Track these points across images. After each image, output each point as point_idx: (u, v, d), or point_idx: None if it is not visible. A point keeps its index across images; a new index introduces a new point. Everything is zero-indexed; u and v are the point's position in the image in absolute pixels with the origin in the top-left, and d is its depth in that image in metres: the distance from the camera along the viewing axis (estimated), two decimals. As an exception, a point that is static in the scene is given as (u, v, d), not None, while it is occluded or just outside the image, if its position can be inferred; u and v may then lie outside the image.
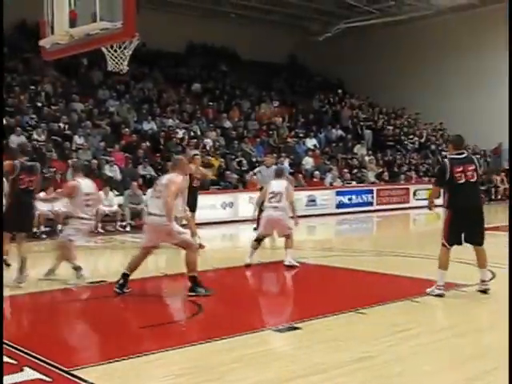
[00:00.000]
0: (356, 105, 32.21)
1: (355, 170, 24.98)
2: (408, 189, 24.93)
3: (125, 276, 8.61)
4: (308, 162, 24.13)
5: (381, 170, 25.73)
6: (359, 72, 34.78)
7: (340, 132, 28.35)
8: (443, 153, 29.03)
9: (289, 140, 25.66)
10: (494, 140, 31.16)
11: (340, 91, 33.13)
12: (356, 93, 33.87)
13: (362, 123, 29.96)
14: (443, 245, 8.37)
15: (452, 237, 8.29)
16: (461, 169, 8.22)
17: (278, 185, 11.21)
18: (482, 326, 7.18)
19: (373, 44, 34.82)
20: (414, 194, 24.91)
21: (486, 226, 8.61)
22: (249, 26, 31.42)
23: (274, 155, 21.43)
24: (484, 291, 8.37)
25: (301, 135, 26.65)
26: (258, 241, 11.19)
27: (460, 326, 7.13)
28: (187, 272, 8.57)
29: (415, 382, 5.25)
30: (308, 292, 9.18)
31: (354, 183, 23.98)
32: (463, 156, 8.42)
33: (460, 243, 8.37)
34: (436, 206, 8.77)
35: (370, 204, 23.61)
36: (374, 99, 33.31)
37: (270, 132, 25.76)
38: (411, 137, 30.26)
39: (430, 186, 25.76)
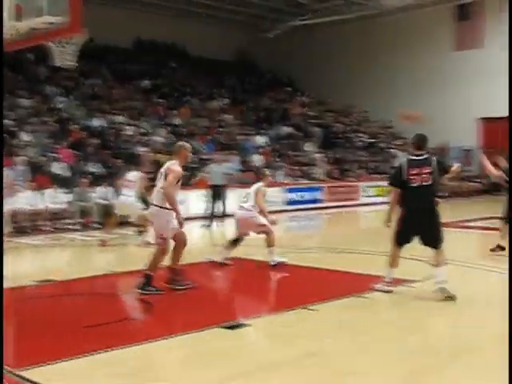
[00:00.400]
0: (306, 102, 32.40)
1: (305, 168, 25.13)
2: (357, 186, 25.19)
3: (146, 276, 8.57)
4: (258, 160, 24.18)
5: (330, 167, 25.95)
6: (309, 70, 35.02)
7: (290, 129, 28.47)
8: (391, 150, 29.46)
9: (239, 137, 25.68)
10: (439, 138, 31.64)
11: (290, 89, 33.28)
12: (306, 90, 34.09)
13: (311, 121, 30.15)
14: (393, 243, 8.39)
15: (401, 236, 8.28)
16: (416, 171, 8.09)
17: (253, 186, 11.14)
18: (429, 321, 7.29)
19: (323, 42, 35.09)
20: (363, 191, 25.19)
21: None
22: (199, 22, 31.31)
23: (224, 152, 21.42)
24: (443, 292, 7.96)
25: (250, 132, 26.68)
26: (234, 241, 10.99)
27: (407, 321, 7.23)
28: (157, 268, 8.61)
29: (362, 376, 5.30)
30: (257, 289, 9.20)
31: (303, 180, 24.12)
32: (422, 158, 8.24)
33: (408, 242, 8.34)
34: (383, 203, 8.87)
35: (320, 201, 23.78)
36: (323, 97, 33.56)
37: (220, 129, 25.73)
38: (360, 134, 30.57)
39: (379, 183, 26.34)
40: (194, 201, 18.96)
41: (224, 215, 17.47)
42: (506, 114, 30.28)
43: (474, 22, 31.69)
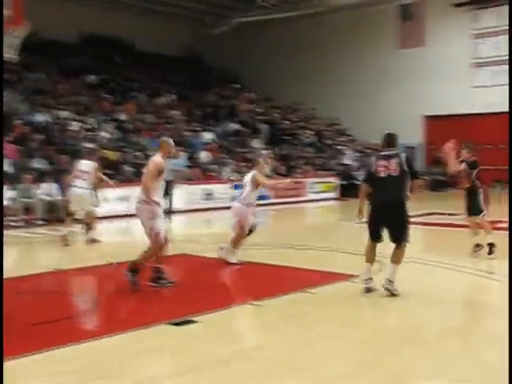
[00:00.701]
0: (253, 99, 32.46)
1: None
2: (304, 182, 25.36)
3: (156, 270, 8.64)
4: (205, 156, 24.14)
5: (277, 163, 26.05)
6: (256, 66, 35.12)
7: (237, 126, 28.50)
8: (338, 147, 29.77)
9: (186, 133, 25.58)
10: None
11: (237, 85, 33.30)
12: (253, 87, 34.15)
13: (258, 117, 30.23)
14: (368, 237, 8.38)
15: (369, 230, 8.30)
16: (384, 163, 8.13)
17: (247, 175, 11.26)
18: (372, 316, 7.40)
19: (270, 39, 35.23)
20: (310, 187, 25.37)
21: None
22: (146, 17, 31.08)
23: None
24: (389, 290, 8.03)
25: (198, 129, 26.61)
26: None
27: (352, 316, 7.34)
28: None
29: (307, 370, 5.36)
30: (205, 285, 9.19)
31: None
32: (390, 153, 8.27)
33: (379, 238, 8.30)
34: (329, 199, 8.93)
35: (267, 197, 23.84)
36: (270, 94, 33.68)
37: (167, 125, 25.58)
38: (307, 131, 30.78)
39: (326, 180, 26.59)
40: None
41: (171, 211, 17.38)
42: (447, 111, 31.06)
43: (417, 21, 32.29)
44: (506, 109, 28.94)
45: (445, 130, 31.28)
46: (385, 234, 8.19)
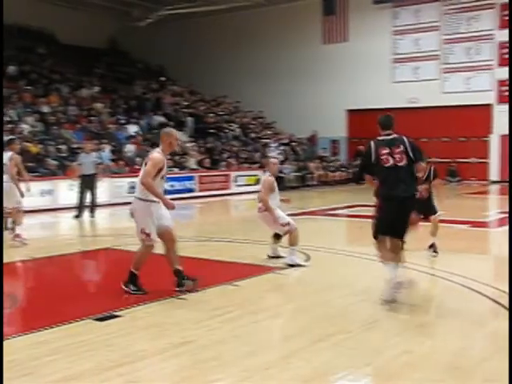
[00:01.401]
0: (178, 92, 32.31)
1: (177, 157, 25.08)
2: (229, 175, 25.45)
3: (176, 273, 7.92)
4: (130, 149, 23.91)
5: (202, 156, 26.07)
6: (181, 59, 34.97)
7: (162, 119, 28.31)
8: (262, 140, 29.97)
9: (110, 126, 25.27)
10: (309, 129, 32.58)
11: (162, 78, 33.08)
12: (178, 80, 33.99)
13: (183, 110, 30.12)
14: (374, 237, 7.58)
15: (382, 226, 7.44)
16: (386, 150, 7.32)
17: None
18: (298, 307, 7.51)
19: (195, 32, 35.12)
20: (235, 180, 25.48)
21: (306, 210, 8.91)
22: (70, 8, 30.48)
23: (95, 142, 21.02)
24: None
25: (122, 121, 26.32)
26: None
27: (277, 308, 7.44)
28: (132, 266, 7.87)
29: (233, 363, 5.41)
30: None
31: (175, 170, 24.06)
32: (390, 137, 7.51)
33: (392, 233, 7.47)
34: (254, 192, 8.94)
35: (192, 190, 23.84)
36: (195, 86, 33.59)
37: (91, 118, 25.21)
38: (232, 124, 30.86)
39: (251, 172, 26.73)
40: (65, 191, 18.60)
41: (94, 205, 17.16)
42: (370, 106, 31.69)
43: (340, 17, 32.80)
44: (427, 104, 29.83)
45: (367, 123, 31.92)
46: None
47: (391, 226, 7.34)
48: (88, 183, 17.01)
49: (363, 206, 19.37)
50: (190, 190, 23.77)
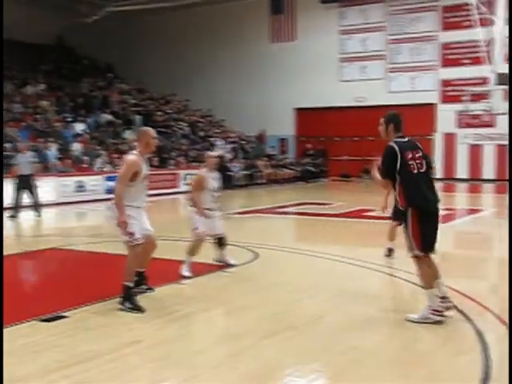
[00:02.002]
0: (125, 89, 32.03)
1: (125, 155, 24.86)
2: (177, 174, 25.34)
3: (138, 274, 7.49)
4: (77, 148, 23.62)
5: (151, 155, 25.88)
6: (129, 57, 34.70)
7: (109, 117, 28.04)
8: (211, 139, 29.94)
9: (56, 124, 24.91)
10: (257, 127, 32.69)
11: (110, 75, 32.74)
12: (126, 77, 33.70)
13: (131, 108, 29.88)
14: (416, 257, 6.53)
15: (427, 243, 6.49)
16: (410, 155, 6.47)
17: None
18: (245, 305, 7.53)
19: (143, 29, 34.91)
20: (184, 179, 25.38)
21: (255, 208, 8.88)
22: (14, 4, 29.86)
23: (41, 140, 20.73)
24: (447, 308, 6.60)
25: (69, 119, 25.97)
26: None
27: (225, 306, 7.45)
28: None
29: (181, 362, 5.41)
30: (77, 279, 9.04)
31: (118, 174, 23.85)
32: (407, 140, 6.65)
33: (433, 250, 6.60)
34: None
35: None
36: (144, 85, 33.37)
37: (37, 116, 24.81)
38: (180, 122, 30.74)
39: (199, 171, 26.58)
40: (10, 190, 18.25)
41: (38, 205, 16.86)
42: (317, 104, 31.96)
43: (288, 16, 33.01)
44: (373, 103, 30.26)
45: (315, 122, 32.32)
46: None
47: (433, 241, 6.58)
48: (25, 183, 16.71)
49: (311, 203, 19.58)
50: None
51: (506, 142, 28.21)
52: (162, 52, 34.59)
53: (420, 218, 6.37)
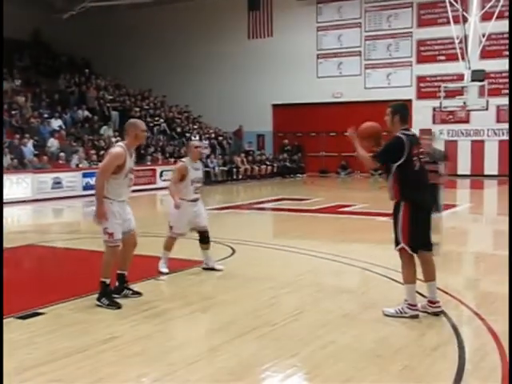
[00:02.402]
0: (102, 85, 31.84)
1: (102, 152, 24.74)
2: (155, 170, 25.28)
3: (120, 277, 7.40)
4: (53, 144, 23.46)
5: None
6: (106, 52, 34.49)
7: (86, 113, 27.88)
8: (187, 134, 29.87)
9: (32, 120, 24.71)
10: (235, 123, 32.66)
11: (86, 71, 32.53)
12: (102, 73, 33.49)
13: (108, 104, 29.71)
14: (403, 250, 6.49)
15: (414, 240, 6.43)
16: (416, 151, 6.42)
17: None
18: (223, 300, 7.54)
19: (120, 25, 34.72)
20: (161, 175, 25.33)
21: (232, 204, 8.84)
22: (-13, -2, 29.55)
23: (17, 136, 20.57)
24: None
25: (45, 116, 25.78)
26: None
27: (203, 302, 7.44)
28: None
29: (158, 357, 5.41)
30: (53, 276, 9.01)
31: (100, 165, 23.76)
32: (412, 134, 6.55)
33: (427, 247, 6.60)
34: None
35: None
36: (120, 80, 33.19)
37: (12, 112, 24.59)
38: (157, 118, 30.64)
39: (176, 167, 26.55)
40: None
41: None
42: (295, 100, 32.03)
43: (264, 12, 33.02)
44: (350, 98, 30.41)
45: (292, 118, 32.39)
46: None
47: (427, 238, 6.58)
48: None
49: (288, 199, 19.63)
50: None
51: (481, 138, 28.54)
52: (139, 48, 34.42)
53: (412, 213, 6.33)
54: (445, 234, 13.31)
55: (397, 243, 6.50)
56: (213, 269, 8.88)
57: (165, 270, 8.69)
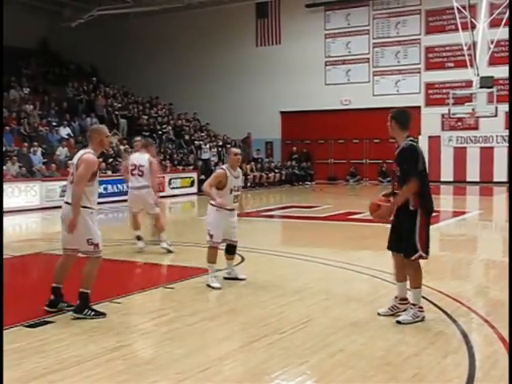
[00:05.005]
0: (111, 94, 31.93)
1: (110, 160, 24.81)
2: (163, 178, 25.29)
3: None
4: (62, 152, 23.52)
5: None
6: (114, 61, 34.63)
7: (95, 121, 27.92)
8: (196, 142, 29.90)
9: (41, 129, 24.80)
10: (243, 130, 32.68)
11: (94, 79, 32.65)
12: (111, 81, 33.60)
13: (116, 112, 29.79)
14: (420, 257, 6.53)
15: (429, 243, 6.55)
16: (423, 160, 6.51)
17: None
18: (232, 308, 7.52)
19: (128, 33, 34.85)
20: (169, 183, 25.36)
21: (241, 211, 8.80)
22: (-3, 7, 29.73)
23: (26, 144, 20.64)
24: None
25: (54, 124, 25.86)
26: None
27: (212, 310, 7.45)
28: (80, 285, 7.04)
29: (168, 366, 5.39)
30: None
31: (109, 173, 23.80)
32: (417, 141, 6.62)
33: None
34: (188, 194, 8.81)
35: (125, 193, 23.53)
36: (128, 88, 33.28)
37: (21, 120, 24.69)
38: (165, 126, 30.69)
39: (185, 175, 26.68)
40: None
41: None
42: (303, 108, 32.01)
43: (272, 19, 33.09)
44: (358, 106, 30.39)
45: (301, 125, 32.40)
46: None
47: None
48: None
49: (297, 207, 19.60)
50: (124, 193, 23.47)
51: (490, 145, 28.44)
52: (147, 56, 34.53)
53: (427, 220, 6.45)
54: (454, 241, 13.26)
55: (414, 251, 6.47)
56: (236, 278, 8.74)
57: (216, 285, 8.31)
